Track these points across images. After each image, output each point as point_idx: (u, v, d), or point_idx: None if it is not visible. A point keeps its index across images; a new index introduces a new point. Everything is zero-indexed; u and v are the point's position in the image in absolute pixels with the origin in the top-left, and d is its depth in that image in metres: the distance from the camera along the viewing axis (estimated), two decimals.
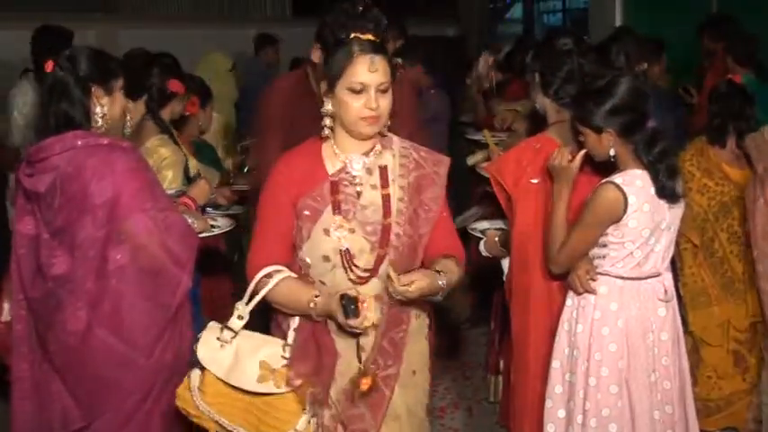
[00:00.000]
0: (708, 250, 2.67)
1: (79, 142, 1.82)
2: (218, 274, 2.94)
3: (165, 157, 2.51)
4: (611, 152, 1.97)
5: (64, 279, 1.83)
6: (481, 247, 2.42)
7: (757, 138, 2.50)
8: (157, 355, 1.88)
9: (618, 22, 6.45)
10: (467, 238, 2.57)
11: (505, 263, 2.33)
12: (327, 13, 2.21)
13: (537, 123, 2.34)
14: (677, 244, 2.68)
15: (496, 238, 2.35)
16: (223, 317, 2.91)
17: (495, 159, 2.38)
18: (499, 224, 2.52)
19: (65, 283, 1.83)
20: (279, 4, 8.54)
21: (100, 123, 1.90)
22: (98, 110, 1.89)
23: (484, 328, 3.69)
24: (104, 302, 1.82)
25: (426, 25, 7.83)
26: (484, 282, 3.02)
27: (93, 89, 1.88)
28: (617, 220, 1.94)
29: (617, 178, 1.95)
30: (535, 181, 2.13)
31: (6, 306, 2.05)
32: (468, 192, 4.28)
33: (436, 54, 5.09)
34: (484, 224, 2.63)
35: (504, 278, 2.33)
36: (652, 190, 1.95)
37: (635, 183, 1.94)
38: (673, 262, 2.65)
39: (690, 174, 2.69)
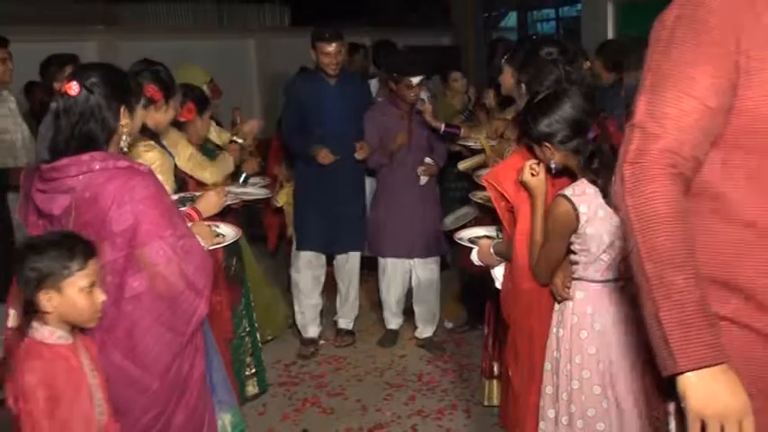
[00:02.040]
0: None
1: (97, 166, 1.78)
2: (214, 281, 2.96)
3: (153, 162, 2.48)
4: (552, 164, 2.02)
5: None
6: (473, 256, 2.43)
7: None
8: (173, 374, 1.88)
9: (610, 30, 6.54)
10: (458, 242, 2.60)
11: (499, 271, 2.36)
12: None
13: None
14: None
15: (491, 249, 2.36)
16: (218, 325, 2.96)
17: (493, 169, 2.39)
18: (491, 231, 2.55)
19: None
20: (277, 15, 8.61)
21: (124, 139, 1.90)
22: (124, 129, 1.89)
23: (481, 330, 3.75)
24: (119, 327, 1.81)
25: (420, 34, 7.92)
26: (479, 285, 3.06)
27: (122, 110, 1.88)
28: (575, 229, 1.98)
29: (568, 190, 2.00)
30: None
31: (12, 312, 2.05)
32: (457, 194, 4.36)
33: (431, 62, 5.16)
34: (477, 231, 2.64)
35: (500, 286, 2.36)
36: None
37: (585, 191, 1.97)
38: None
39: None
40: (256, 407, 3.41)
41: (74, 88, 1.81)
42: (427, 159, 3.86)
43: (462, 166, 3.50)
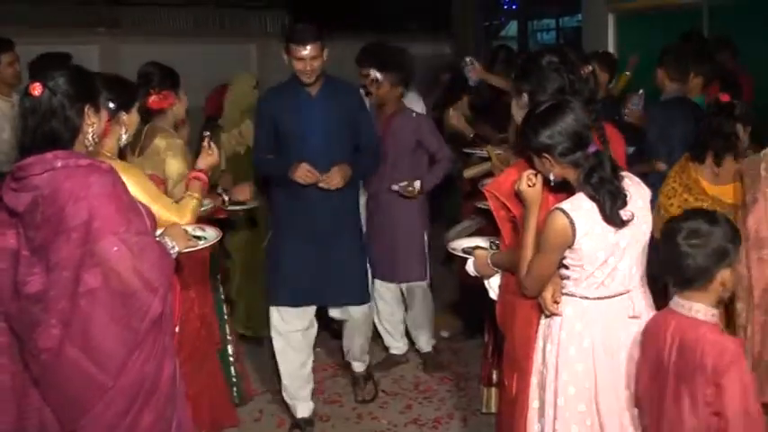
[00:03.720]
0: None
1: (59, 163, 1.82)
2: (203, 292, 2.96)
3: None
4: (551, 176, 2.00)
5: (38, 297, 1.85)
6: (469, 267, 2.40)
7: (752, 165, 2.47)
8: (134, 373, 1.89)
9: (610, 40, 6.56)
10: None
11: (494, 282, 2.34)
12: None
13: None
14: None
15: (488, 259, 2.32)
16: (208, 335, 2.92)
17: (495, 179, 2.36)
18: (483, 242, 2.52)
19: (38, 301, 1.84)
20: (278, 21, 8.63)
21: (90, 140, 1.93)
22: (90, 129, 1.92)
23: (478, 339, 3.75)
24: (75, 323, 1.83)
25: (421, 42, 7.94)
26: (476, 295, 3.05)
27: (85, 109, 1.91)
28: (569, 244, 1.95)
29: (565, 204, 1.95)
30: None
31: None
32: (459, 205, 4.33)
33: (431, 72, 5.18)
34: (470, 241, 2.60)
35: (495, 296, 2.34)
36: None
37: (582, 206, 1.94)
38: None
39: (673, 189, 2.74)
40: (252, 413, 3.41)
41: (37, 89, 1.85)
42: (416, 183, 3.56)
43: (468, 173, 3.50)
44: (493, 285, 2.35)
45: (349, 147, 3.16)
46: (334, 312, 3.40)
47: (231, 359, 3.35)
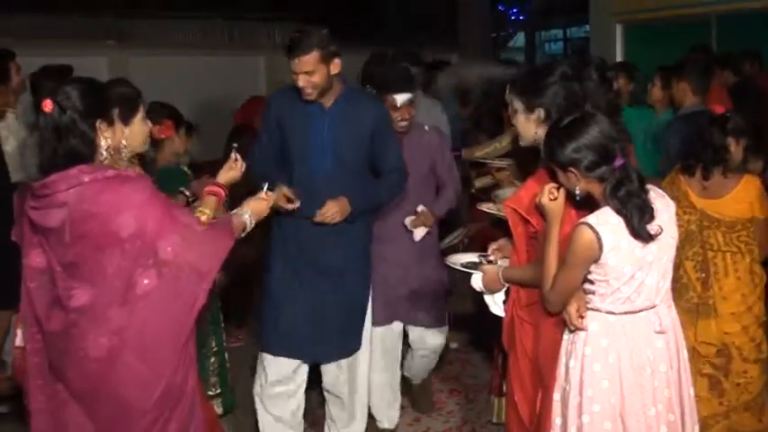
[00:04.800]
0: (673, 277, 2.70)
1: (86, 178, 1.82)
2: None
3: None
4: (576, 190, 1.96)
5: (85, 309, 1.86)
6: (476, 281, 2.35)
7: None
8: (167, 379, 1.92)
9: (618, 51, 6.57)
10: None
11: (500, 297, 2.31)
12: None
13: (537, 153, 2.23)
14: None
15: (500, 274, 2.27)
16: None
17: (515, 193, 2.29)
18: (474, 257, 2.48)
19: (85, 312, 1.86)
20: (287, 33, 8.69)
21: (104, 155, 1.93)
22: (103, 142, 1.92)
23: (486, 351, 3.72)
24: (130, 328, 1.85)
25: (429, 53, 7.98)
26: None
27: (98, 123, 1.89)
28: (596, 259, 1.93)
29: (591, 218, 1.92)
30: None
31: (20, 332, 2.05)
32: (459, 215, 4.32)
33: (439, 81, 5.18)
34: (464, 257, 2.54)
35: (498, 312, 2.32)
36: None
37: (609, 221, 1.91)
38: None
39: None
40: None
41: (48, 105, 1.85)
42: (420, 207, 3.05)
43: (479, 183, 3.48)
44: (497, 301, 2.33)
45: (360, 173, 2.70)
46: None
47: (228, 365, 3.34)
